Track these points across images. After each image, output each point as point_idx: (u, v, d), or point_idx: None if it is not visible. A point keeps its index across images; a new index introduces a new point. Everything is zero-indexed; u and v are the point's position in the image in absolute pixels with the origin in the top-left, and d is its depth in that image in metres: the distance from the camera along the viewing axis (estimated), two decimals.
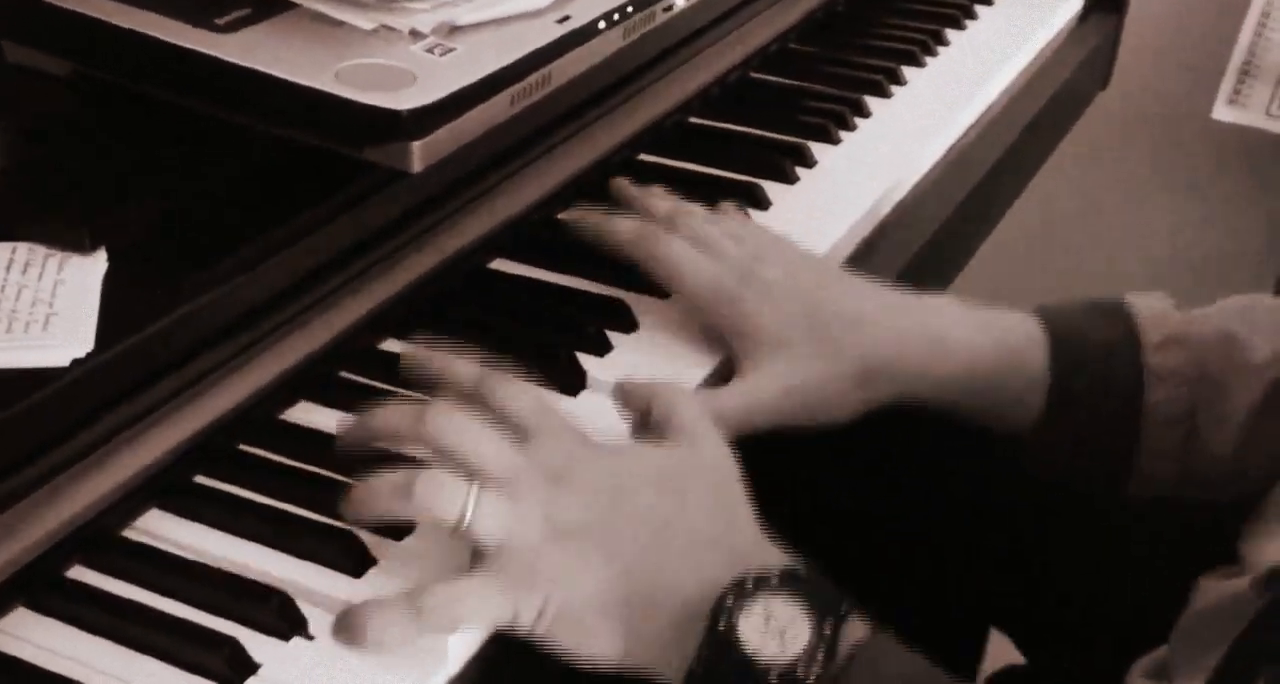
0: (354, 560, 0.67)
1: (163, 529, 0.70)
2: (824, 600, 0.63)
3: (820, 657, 0.61)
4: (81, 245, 0.71)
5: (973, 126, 1.14)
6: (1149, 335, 0.82)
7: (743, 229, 0.87)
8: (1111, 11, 1.39)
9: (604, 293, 0.86)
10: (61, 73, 0.81)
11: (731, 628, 0.62)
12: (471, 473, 0.65)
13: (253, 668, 0.62)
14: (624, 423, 0.76)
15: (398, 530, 0.69)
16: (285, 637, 0.64)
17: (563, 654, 0.65)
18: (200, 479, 0.72)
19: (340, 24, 0.78)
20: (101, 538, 0.68)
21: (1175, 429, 0.82)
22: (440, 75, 0.76)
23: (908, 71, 1.17)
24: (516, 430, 0.68)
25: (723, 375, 0.82)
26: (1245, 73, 1.61)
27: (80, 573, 0.67)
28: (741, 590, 0.63)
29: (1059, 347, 0.82)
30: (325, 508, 0.70)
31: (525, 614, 0.64)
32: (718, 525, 0.68)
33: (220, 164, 0.78)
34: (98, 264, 0.71)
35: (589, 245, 0.89)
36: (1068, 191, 0.89)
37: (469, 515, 0.64)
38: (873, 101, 1.12)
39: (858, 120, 1.09)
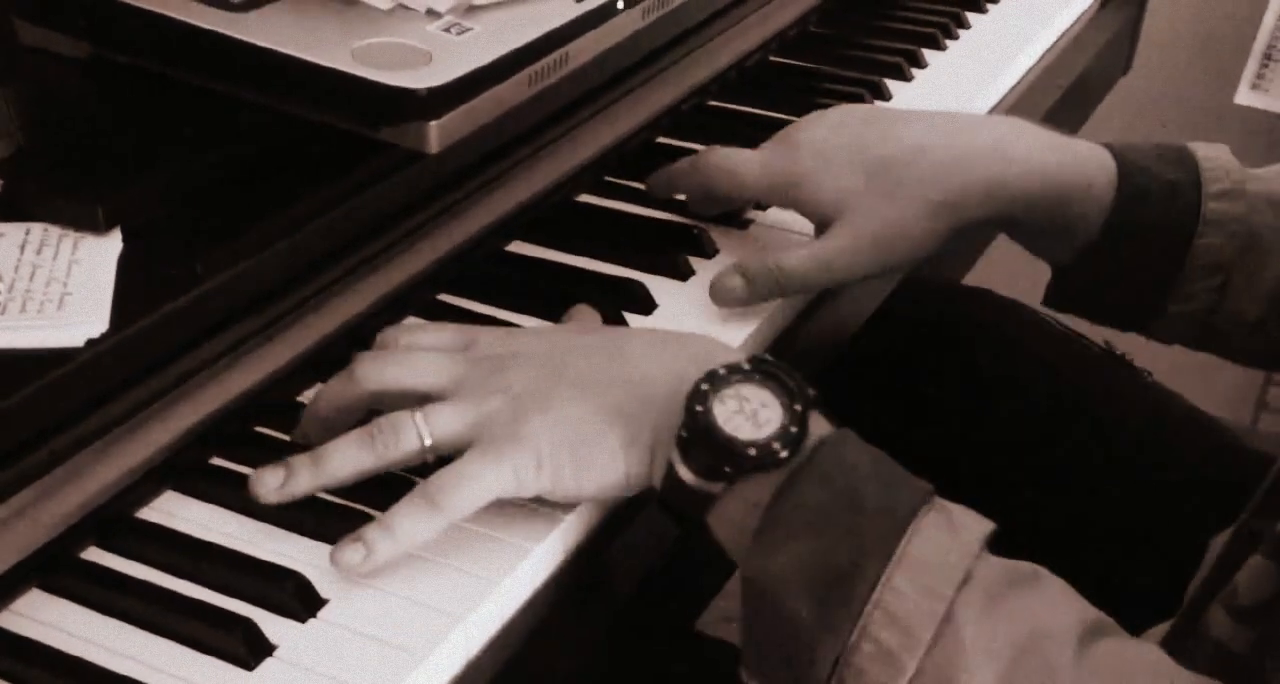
0: None
1: (178, 510, 0.69)
2: (793, 386, 0.65)
3: (793, 433, 0.63)
4: (96, 225, 0.70)
5: (993, 110, 1.13)
6: (1211, 183, 0.83)
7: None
8: None
9: (622, 275, 0.86)
10: (76, 53, 0.80)
11: (708, 411, 0.64)
12: (415, 391, 0.68)
13: (269, 649, 0.62)
14: None
15: None
16: (301, 618, 0.63)
17: (574, 495, 0.68)
18: (216, 461, 0.72)
19: (357, 3, 0.78)
20: (116, 519, 0.68)
21: (1213, 277, 0.83)
22: (457, 55, 0.76)
23: (928, 55, 1.16)
24: (440, 350, 0.71)
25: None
26: (1269, 57, 1.60)
27: (95, 554, 0.67)
28: (714, 377, 0.65)
29: (1126, 176, 0.83)
30: (341, 490, 0.69)
31: (524, 472, 0.66)
32: (666, 339, 0.72)
33: (235, 144, 0.77)
34: (113, 244, 0.70)
35: (606, 227, 0.89)
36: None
37: (426, 433, 0.66)
38: (893, 85, 1.11)
39: (878, 103, 1.08)
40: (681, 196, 0.92)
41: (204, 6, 0.76)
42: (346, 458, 0.67)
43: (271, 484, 0.67)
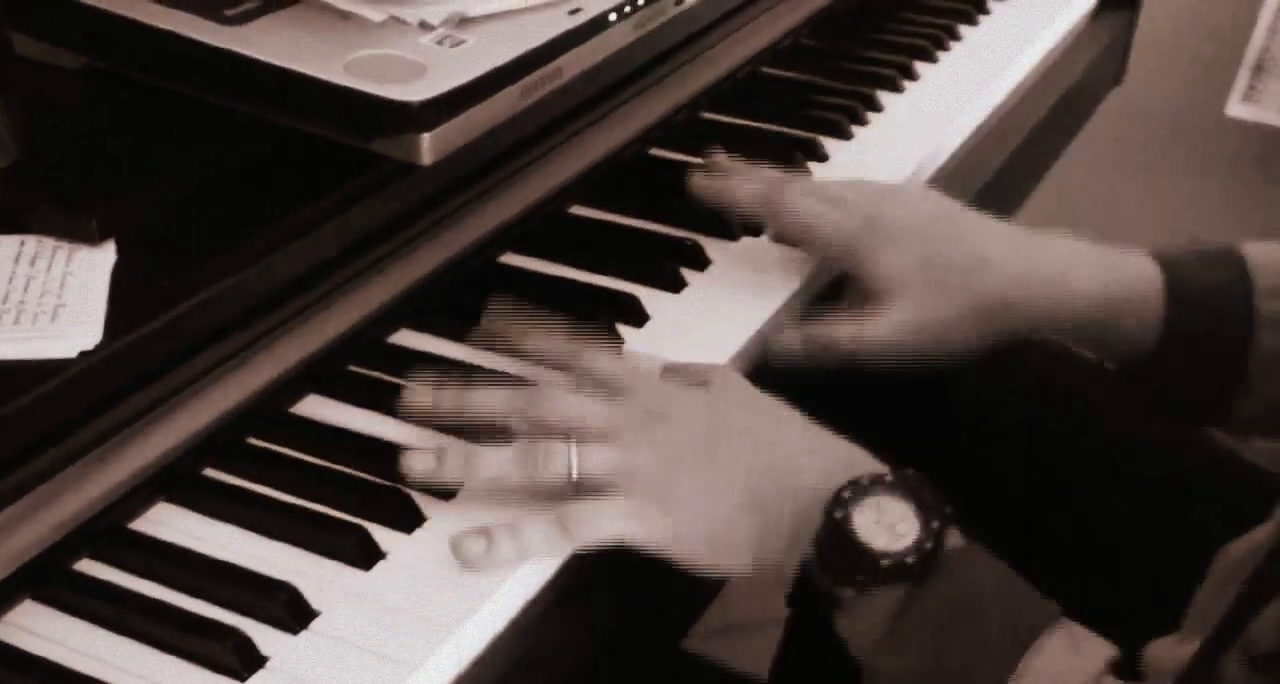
0: (363, 554, 0.67)
1: (171, 522, 0.69)
2: (932, 501, 0.67)
3: (927, 549, 0.65)
4: (90, 237, 0.71)
5: (986, 122, 1.14)
6: (1261, 280, 0.83)
7: (857, 183, 0.89)
8: (1125, 7, 1.38)
9: (615, 286, 0.86)
10: (71, 65, 0.80)
11: (846, 518, 0.66)
12: (568, 433, 0.70)
13: (261, 661, 0.62)
14: None
15: (406, 522, 0.69)
16: (293, 630, 0.63)
17: (695, 569, 0.70)
18: (209, 472, 0.72)
19: (349, 15, 0.78)
20: (110, 531, 0.68)
21: (1275, 371, 0.83)
22: (450, 67, 0.76)
23: (920, 67, 1.16)
24: (608, 391, 0.73)
25: (739, 366, 0.82)
26: (1260, 69, 1.60)
27: (88, 566, 0.67)
28: (857, 486, 0.67)
29: (1174, 288, 0.84)
30: (334, 501, 0.70)
31: (657, 534, 0.68)
32: (815, 438, 0.72)
33: (229, 156, 0.77)
34: (106, 256, 0.70)
35: (598, 239, 0.89)
36: (1081, 189, 0.89)
37: (575, 466, 0.69)
38: (885, 96, 1.11)
39: (870, 115, 1.09)
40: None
41: (198, 19, 0.76)
42: (497, 467, 0.70)
43: (420, 467, 0.70)
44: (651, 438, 0.70)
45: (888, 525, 0.66)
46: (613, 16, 0.85)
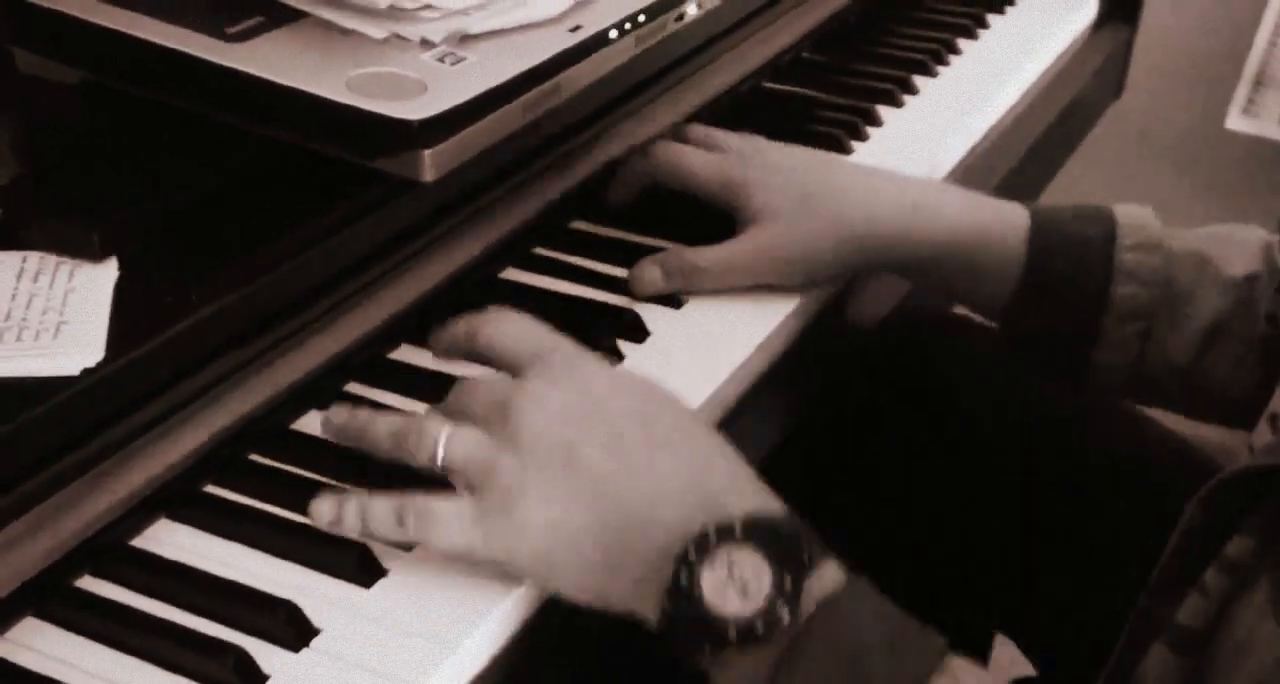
0: (364, 571, 0.67)
1: (171, 538, 0.70)
2: (789, 552, 0.61)
3: (781, 613, 0.60)
4: (92, 253, 0.71)
5: (986, 135, 1.14)
6: (1125, 236, 0.86)
7: (743, 134, 0.95)
8: (1125, 21, 1.39)
9: (616, 303, 0.86)
10: (73, 81, 0.81)
11: (694, 582, 0.60)
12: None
13: (261, 678, 0.62)
14: None
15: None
16: (294, 647, 0.64)
17: (537, 585, 0.66)
18: (210, 489, 0.72)
19: (351, 33, 0.78)
20: (111, 548, 0.68)
21: (1133, 324, 0.86)
22: (452, 84, 0.76)
23: (920, 81, 1.16)
24: (513, 366, 0.70)
25: (736, 383, 0.82)
26: (1259, 83, 1.61)
27: (89, 583, 0.67)
28: (704, 543, 0.61)
29: (1038, 233, 0.87)
30: None
31: (494, 544, 0.64)
32: (692, 459, 0.66)
33: (231, 173, 0.77)
34: (108, 272, 0.71)
35: (599, 254, 0.90)
36: (1080, 202, 0.90)
37: (440, 450, 0.65)
38: (885, 111, 1.11)
39: (870, 130, 1.09)
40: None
41: (200, 36, 0.76)
42: (381, 439, 0.68)
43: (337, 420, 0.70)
44: (530, 428, 0.65)
45: (740, 583, 0.60)
46: (614, 33, 0.85)
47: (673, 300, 0.87)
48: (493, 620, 0.65)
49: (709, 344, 0.84)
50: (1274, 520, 0.63)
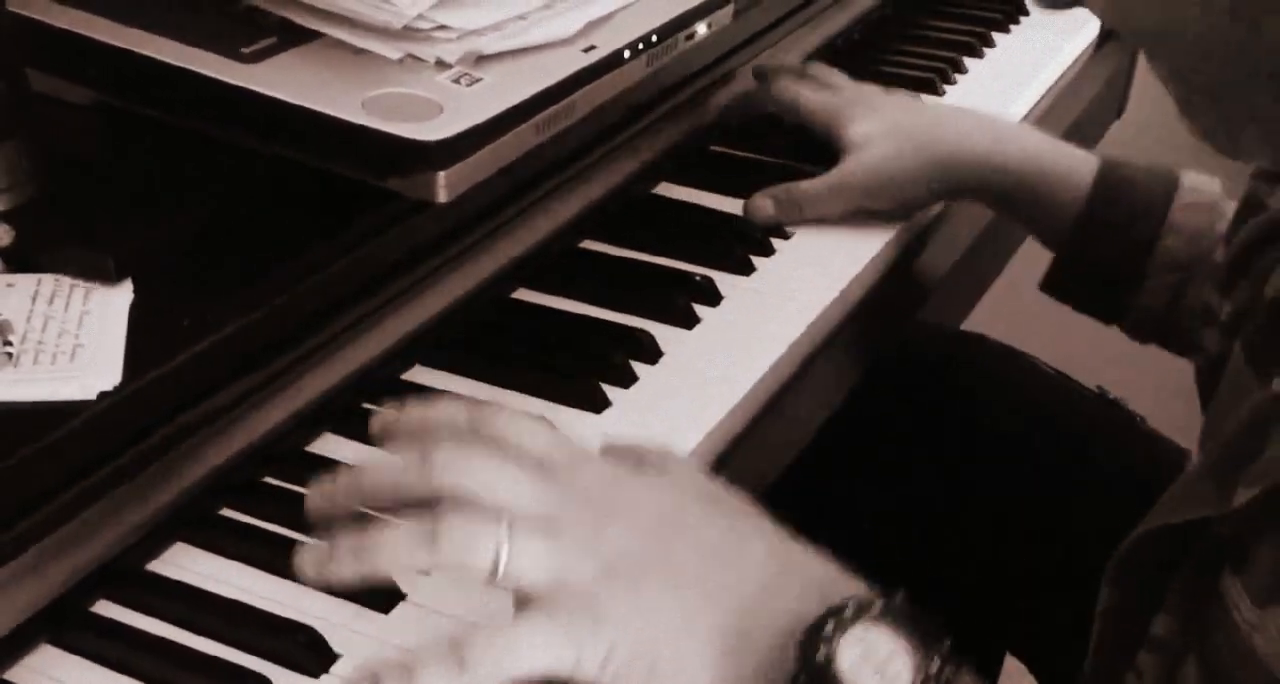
0: (382, 596, 0.66)
1: (188, 563, 0.69)
2: (927, 636, 0.57)
3: None
4: (107, 276, 0.70)
5: None
6: (1182, 196, 0.94)
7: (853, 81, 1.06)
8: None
9: (629, 323, 0.86)
10: (87, 102, 0.80)
11: (830, 660, 0.55)
12: (500, 515, 0.57)
13: None
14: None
15: None
16: (314, 673, 0.63)
17: None
18: (226, 512, 0.72)
19: (366, 53, 0.78)
20: (127, 572, 0.68)
21: (1173, 274, 0.93)
22: (467, 105, 0.76)
23: (927, 100, 1.16)
24: (538, 465, 0.60)
25: (744, 410, 0.82)
26: None
27: (106, 608, 0.67)
28: (840, 618, 0.56)
29: (1104, 179, 0.95)
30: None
31: (590, 660, 0.56)
32: (787, 549, 0.61)
33: (245, 194, 0.77)
34: (123, 295, 0.70)
35: (611, 274, 0.90)
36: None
37: (504, 559, 0.56)
38: None
39: None
40: None
41: (215, 57, 0.76)
42: (399, 555, 0.57)
43: (310, 563, 0.58)
44: (591, 537, 0.58)
45: (876, 665, 0.56)
46: (627, 53, 0.85)
47: (684, 320, 0.87)
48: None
49: (721, 365, 0.83)
50: (1191, 593, 0.59)
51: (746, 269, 0.92)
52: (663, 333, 0.85)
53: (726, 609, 0.58)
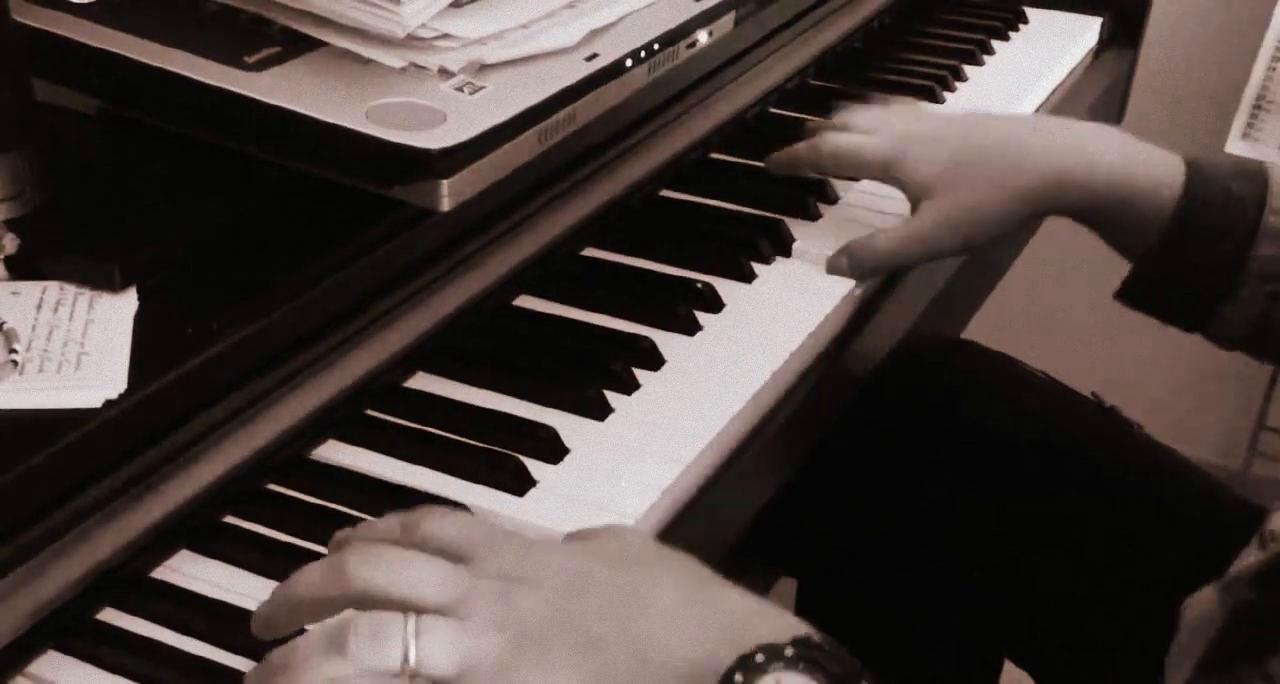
0: None
1: (193, 570, 0.69)
2: (844, 677, 0.55)
3: None
4: (112, 284, 0.71)
5: None
6: (1276, 197, 0.87)
7: (888, 107, 1.00)
8: (1126, 47, 1.39)
9: (631, 330, 0.86)
10: (92, 111, 0.81)
11: None
12: (405, 605, 0.56)
13: None
14: (653, 466, 0.76)
15: None
16: None
17: None
18: (230, 519, 0.72)
19: (370, 62, 0.78)
20: (132, 579, 0.68)
21: (1267, 284, 0.87)
22: (470, 114, 0.76)
23: (926, 108, 1.17)
24: (448, 552, 0.59)
25: (749, 413, 0.82)
26: (1258, 108, 1.61)
27: (111, 615, 0.67)
28: (749, 664, 0.54)
29: (1193, 185, 0.88)
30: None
31: None
32: (699, 593, 0.59)
33: (249, 202, 0.77)
34: (128, 303, 0.70)
35: (613, 282, 0.91)
36: (1082, 228, 0.90)
37: (412, 651, 0.55)
38: None
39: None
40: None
41: (219, 66, 0.76)
42: (316, 668, 0.55)
43: None
44: (500, 613, 0.57)
45: None
46: (629, 62, 0.86)
47: (686, 328, 0.87)
48: None
49: (724, 372, 0.83)
50: None
51: (749, 277, 0.93)
52: (665, 340, 0.85)
53: (632, 665, 0.56)
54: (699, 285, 0.90)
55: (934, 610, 1.04)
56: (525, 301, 0.90)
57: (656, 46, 0.88)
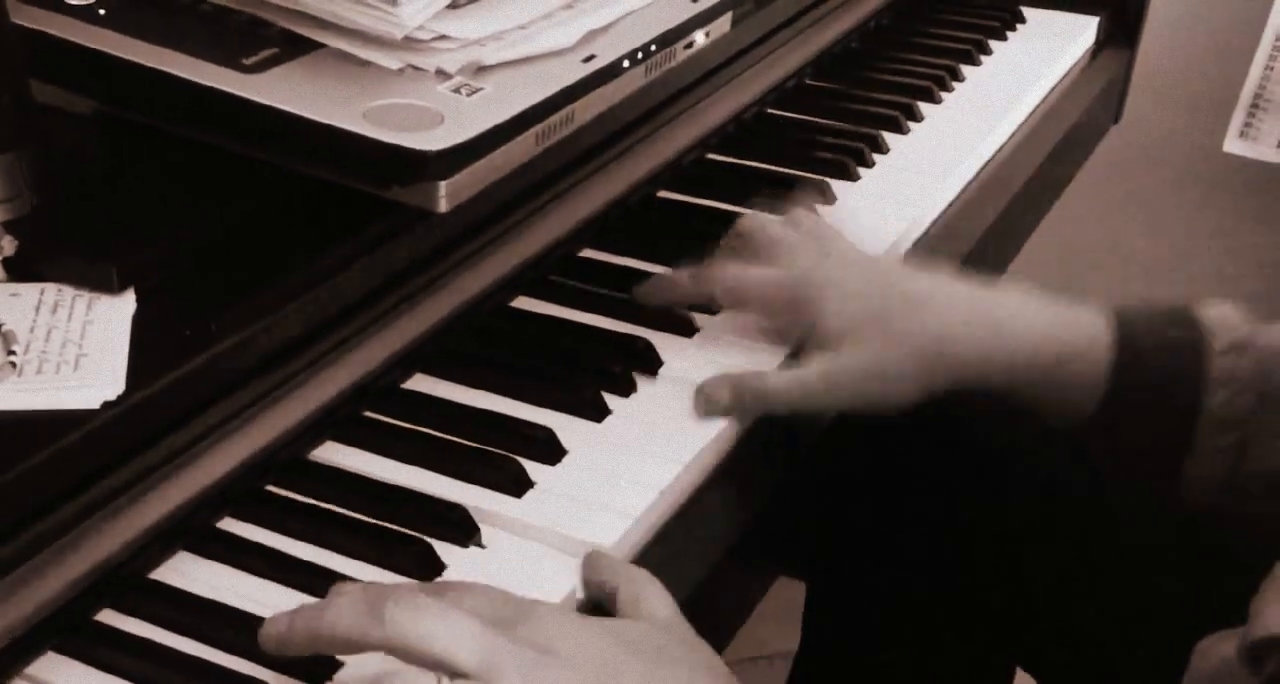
0: None
1: (192, 572, 0.69)
2: None
3: None
4: (110, 286, 0.71)
5: (989, 162, 1.14)
6: (1215, 340, 0.81)
7: (807, 227, 0.89)
8: (1124, 47, 1.40)
9: (629, 332, 0.86)
10: (90, 112, 0.81)
11: None
12: (442, 666, 0.57)
13: None
14: (651, 467, 0.76)
15: (428, 572, 0.69)
16: (317, 680, 0.63)
17: None
18: (228, 521, 0.72)
19: (367, 64, 0.78)
20: (130, 581, 0.68)
21: (1228, 435, 0.80)
22: (468, 115, 0.76)
23: (924, 108, 1.17)
24: (481, 615, 0.60)
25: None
26: (1255, 107, 1.62)
27: (109, 616, 0.67)
28: None
29: (1123, 344, 0.81)
30: (353, 549, 0.70)
31: None
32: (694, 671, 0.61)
33: (247, 204, 0.77)
34: (126, 304, 0.70)
35: (610, 283, 0.91)
36: (1081, 226, 0.90)
37: None
38: (890, 137, 1.12)
39: (876, 157, 1.09)
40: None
41: (217, 67, 0.76)
42: None
43: None
44: (533, 681, 0.58)
45: None
46: (626, 63, 0.86)
47: (684, 328, 0.87)
48: None
49: (723, 371, 0.83)
50: None
51: None
52: (663, 341, 0.86)
53: None
54: None
55: (946, 614, 1.04)
56: (523, 303, 0.90)
57: (654, 47, 0.88)
